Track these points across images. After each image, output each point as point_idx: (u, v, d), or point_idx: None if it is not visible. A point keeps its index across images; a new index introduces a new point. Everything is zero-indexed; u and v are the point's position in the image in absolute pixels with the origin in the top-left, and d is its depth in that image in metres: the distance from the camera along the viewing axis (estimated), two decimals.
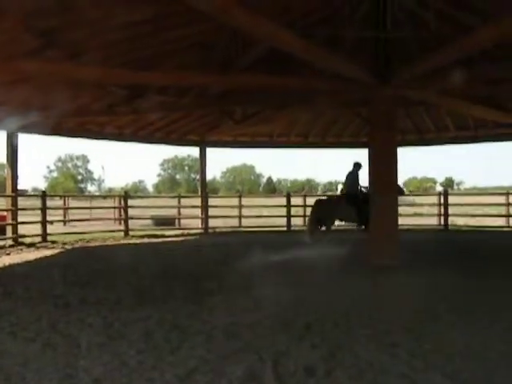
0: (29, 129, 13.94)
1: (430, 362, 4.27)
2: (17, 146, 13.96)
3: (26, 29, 7.62)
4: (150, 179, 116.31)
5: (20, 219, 14.34)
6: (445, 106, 14.03)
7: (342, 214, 12.66)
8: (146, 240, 15.05)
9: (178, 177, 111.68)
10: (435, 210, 18.50)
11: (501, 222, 18.05)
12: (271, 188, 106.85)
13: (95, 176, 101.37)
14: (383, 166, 9.47)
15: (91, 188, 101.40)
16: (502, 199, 18.80)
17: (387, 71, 9.39)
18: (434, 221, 18.07)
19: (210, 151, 18.57)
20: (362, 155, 13.77)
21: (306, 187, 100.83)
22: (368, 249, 9.77)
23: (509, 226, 17.33)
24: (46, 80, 10.01)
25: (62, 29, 8.08)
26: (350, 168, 12.92)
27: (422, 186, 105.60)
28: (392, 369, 4.14)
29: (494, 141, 18.00)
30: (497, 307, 6.20)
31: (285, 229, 17.42)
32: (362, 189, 12.50)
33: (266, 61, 10.40)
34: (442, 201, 17.56)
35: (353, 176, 12.71)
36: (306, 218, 19.10)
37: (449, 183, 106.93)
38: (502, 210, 18.35)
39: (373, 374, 4.04)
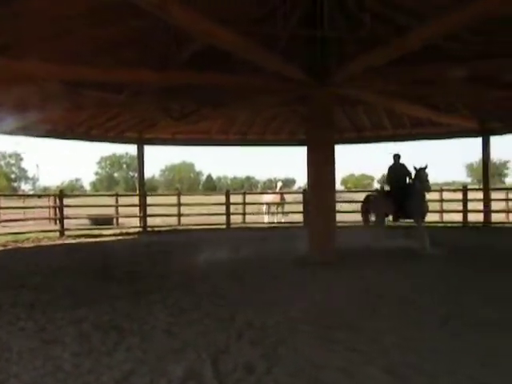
0: None
1: (368, 356, 4.35)
2: None
3: None
4: (87, 177, 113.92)
5: None
6: (381, 104, 14.34)
7: (387, 210, 11.70)
8: (82, 240, 14.68)
9: (116, 175, 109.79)
10: None
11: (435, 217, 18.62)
12: (211, 186, 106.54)
13: (29, 174, 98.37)
14: (321, 163, 9.58)
15: (25, 187, 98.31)
16: (435, 195, 19.41)
17: (324, 70, 9.51)
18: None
19: (148, 149, 18.30)
20: (300, 153, 13.70)
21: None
22: (307, 245, 9.88)
23: (443, 222, 17.89)
24: None
25: None
26: (390, 162, 12.03)
27: (361, 183, 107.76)
28: (331, 364, 4.19)
29: (428, 139, 18.50)
30: (430, 302, 6.38)
31: (224, 226, 17.39)
32: (409, 181, 11.43)
33: (204, 58, 10.32)
34: None
35: (395, 169, 11.81)
36: (249, 216, 19.22)
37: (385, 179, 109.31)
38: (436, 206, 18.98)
39: (312, 369, 4.08)
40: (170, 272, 8.66)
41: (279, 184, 21.34)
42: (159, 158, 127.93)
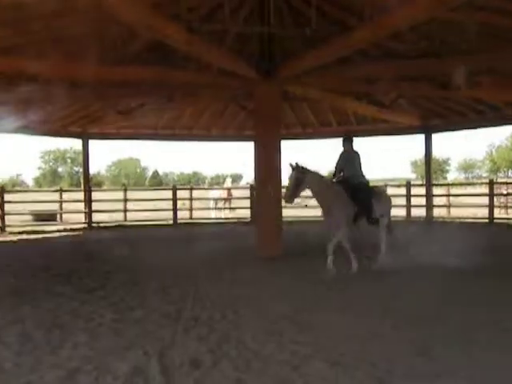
0: None
1: (313, 348, 4.44)
2: None
3: None
4: (30, 172, 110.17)
5: None
6: (326, 101, 14.55)
7: None
8: (24, 236, 14.31)
9: (60, 170, 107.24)
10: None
11: None
12: (157, 181, 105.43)
13: None
14: (267, 158, 9.65)
15: None
16: None
17: (271, 66, 9.59)
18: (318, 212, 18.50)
19: (94, 144, 17.97)
20: (247, 148, 13.64)
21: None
22: (255, 241, 9.94)
23: None
24: None
25: None
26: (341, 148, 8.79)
27: None
28: (277, 357, 4.26)
29: (373, 136, 18.86)
30: (375, 293, 6.57)
31: (171, 222, 17.27)
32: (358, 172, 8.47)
33: (151, 53, 10.25)
34: None
35: (345, 157, 8.57)
36: (196, 211, 19.17)
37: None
38: None
39: (258, 363, 4.14)
40: (116, 269, 8.55)
41: (229, 179, 21.32)
42: (105, 154, 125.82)
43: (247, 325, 5.20)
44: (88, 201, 16.87)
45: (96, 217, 17.06)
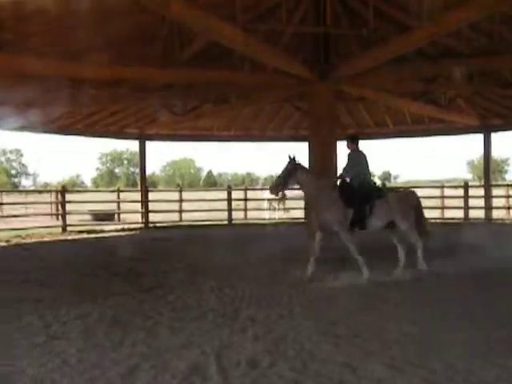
0: None
1: (369, 351, 4.40)
2: None
3: None
4: (88, 173, 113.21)
5: None
6: (382, 101, 14.37)
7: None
8: (84, 235, 14.72)
9: (116, 170, 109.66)
10: None
11: (436, 213, 18.64)
12: (211, 182, 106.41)
13: (30, 170, 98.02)
14: (322, 158, 9.60)
15: (26, 182, 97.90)
16: (437, 192, 19.53)
17: (327, 67, 9.54)
18: None
19: (150, 145, 18.28)
20: (302, 149, 13.56)
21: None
22: (307, 242, 9.88)
23: (443, 218, 17.91)
24: None
25: None
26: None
27: None
28: (334, 359, 4.23)
29: (429, 135, 18.59)
30: (431, 298, 6.44)
31: (226, 222, 17.42)
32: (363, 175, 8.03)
33: (206, 55, 10.35)
34: None
35: (351, 157, 8.10)
36: (251, 212, 19.27)
37: (386, 177, 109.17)
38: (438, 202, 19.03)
39: (315, 364, 4.12)
40: (172, 268, 8.69)
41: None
42: (160, 155, 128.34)
43: (303, 325, 5.19)
44: (145, 201, 17.20)
45: (152, 217, 17.37)
